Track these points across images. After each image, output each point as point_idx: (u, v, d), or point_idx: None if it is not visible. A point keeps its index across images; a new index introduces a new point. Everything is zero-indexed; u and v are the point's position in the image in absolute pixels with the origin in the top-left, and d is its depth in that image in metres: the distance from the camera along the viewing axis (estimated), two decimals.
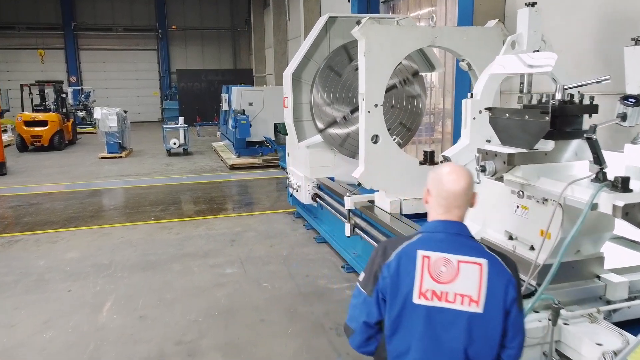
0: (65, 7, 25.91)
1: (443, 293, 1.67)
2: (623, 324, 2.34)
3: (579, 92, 2.59)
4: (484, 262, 1.69)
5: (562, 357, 2.28)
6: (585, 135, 2.17)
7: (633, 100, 2.60)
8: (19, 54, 25.42)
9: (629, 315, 2.52)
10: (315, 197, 6.29)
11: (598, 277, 2.56)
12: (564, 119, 2.43)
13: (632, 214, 2.00)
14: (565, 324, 2.28)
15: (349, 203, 4.93)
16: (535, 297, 2.22)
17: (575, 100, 2.51)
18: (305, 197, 6.39)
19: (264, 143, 12.71)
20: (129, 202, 8.94)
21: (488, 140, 3.31)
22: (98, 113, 13.85)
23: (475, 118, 3.34)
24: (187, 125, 14.42)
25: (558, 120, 2.38)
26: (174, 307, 4.62)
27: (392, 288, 1.73)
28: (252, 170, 11.85)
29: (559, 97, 2.48)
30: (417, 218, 4.56)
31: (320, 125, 6.00)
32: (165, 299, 4.79)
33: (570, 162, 2.53)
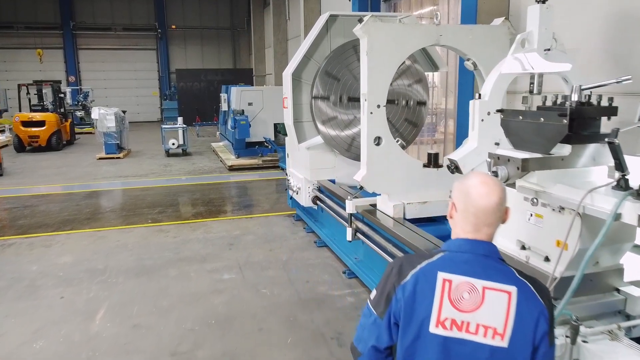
0: (64, 6, 25.73)
1: (464, 323, 1.48)
2: None
3: (591, 92, 2.45)
4: (513, 290, 1.49)
5: None
6: (607, 140, 2.01)
7: None
8: (18, 54, 25.26)
9: None
10: (316, 199, 6.14)
11: (617, 290, 2.41)
12: (582, 122, 2.27)
13: None
14: (584, 342, 2.13)
15: (351, 207, 4.78)
16: (556, 314, 2.05)
17: (593, 102, 2.36)
18: (306, 199, 6.24)
19: (264, 144, 12.58)
20: (126, 204, 8.78)
21: (497, 143, 3.16)
22: (96, 113, 13.69)
23: (484, 120, 3.18)
24: (185, 126, 14.27)
25: (575, 123, 2.22)
26: (170, 315, 4.46)
27: (406, 313, 1.53)
28: (251, 171, 11.70)
29: (576, 98, 2.32)
30: (420, 223, 4.41)
31: (321, 127, 5.85)
32: (161, 307, 4.63)
33: (588, 167, 2.38)
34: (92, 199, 9.17)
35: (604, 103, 2.37)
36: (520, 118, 2.43)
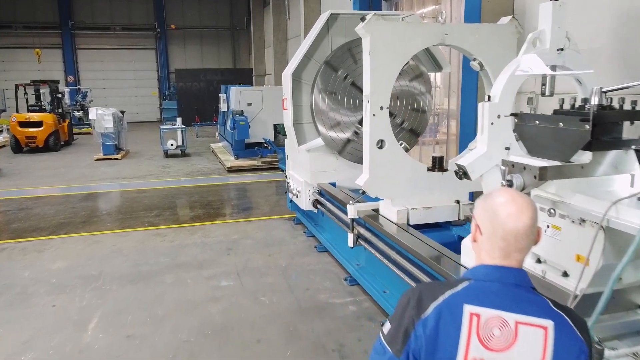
0: (63, 6, 25.58)
1: None
2: None
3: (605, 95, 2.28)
4: (550, 324, 1.31)
5: None
6: (634, 147, 1.85)
7: None
8: (16, 54, 25.08)
9: None
10: (316, 203, 5.98)
11: None
12: (603, 127, 2.11)
13: None
14: None
15: (353, 212, 4.62)
16: None
17: (614, 105, 2.20)
18: (306, 203, 6.07)
19: (263, 144, 12.42)
20: (123, 206, 8.62)
21: (507, 148, 2.99)
22: (93, 114, 13.52)
23: (494, 123, 3.01)
24: (184, 126, 14.11)
25: (597, 129, 2.06)
26: (165, 324, 4.29)
27: (427, 352, 1.34)
28: (250, 173, 11.53)
29: (596, 101, 2.16)
30: (425, 229, 4.26)
31: (321, 128, 5.68)
32: (156, 316, 4.46)
33: (609, 175, 2.21)
34: (88, 202, 9.01)
35: (627, 107, 2.21)
36: (537, 123, 2.27)
